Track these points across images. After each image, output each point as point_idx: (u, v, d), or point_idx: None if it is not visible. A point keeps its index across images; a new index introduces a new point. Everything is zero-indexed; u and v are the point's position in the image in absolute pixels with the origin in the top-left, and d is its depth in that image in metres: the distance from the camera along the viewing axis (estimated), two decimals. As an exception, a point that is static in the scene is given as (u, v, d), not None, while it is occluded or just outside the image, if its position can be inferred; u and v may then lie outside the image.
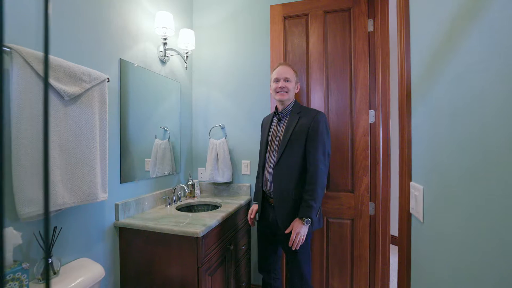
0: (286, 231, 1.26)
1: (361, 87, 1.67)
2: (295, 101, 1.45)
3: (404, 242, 0.89)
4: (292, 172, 1.33)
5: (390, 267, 1.69)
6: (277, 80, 1.40)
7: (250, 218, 1.52)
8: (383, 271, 1.64)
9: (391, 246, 2.25)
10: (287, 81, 1.39)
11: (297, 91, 1.46)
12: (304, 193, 1.27)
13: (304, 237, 1.24)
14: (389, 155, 1.66)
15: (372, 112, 1.66)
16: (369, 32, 1.66)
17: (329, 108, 1.73)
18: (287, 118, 1.41)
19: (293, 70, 1.43)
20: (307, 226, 1.25)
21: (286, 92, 1.39)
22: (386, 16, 1.63)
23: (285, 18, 1.81)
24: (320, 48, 1.74)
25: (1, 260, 0.23)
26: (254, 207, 1.53)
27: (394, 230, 2.78)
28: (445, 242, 0.62)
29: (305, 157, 1.32)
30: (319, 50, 1.74)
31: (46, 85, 0.30)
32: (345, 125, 1.69)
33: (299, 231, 1.23)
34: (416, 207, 0.80)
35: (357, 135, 1.67)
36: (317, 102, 1.74)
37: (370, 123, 1.66)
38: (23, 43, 0.92)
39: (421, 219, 0.76)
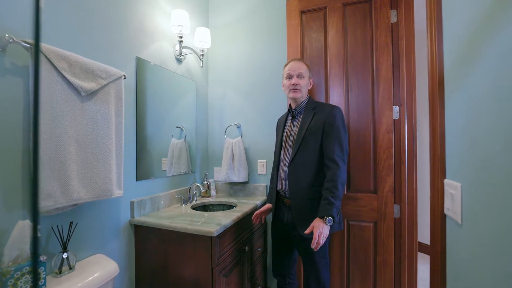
0: (306, 232, 1.17)
1: (383, 82, 1.57)
2: (309, 97, 1.40)
3: (437, 247, 0.80)
4: (308, 169, 1.26)
5: (417, 275, 1.56)
6: (290, 77, 1.35)
7: (261, 211, 1.42)
8: (410, 278, 1.52)
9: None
10: (301, 77, 1.33)
11: (310, 87, 1.41)
12: (324, 190, 1.19)
13: (325, 238, 1.15)
14: (416, 153, 1.54)
15: (396, 108, 1.56)
16: (392, 23, 1.57)
17: (349, 104, 1.64)
18: (302, 115, 1.35)
19: (306, 65, 1.37)
20: (329, 226, 1.15)
21: (300, 90, 1.33)
22: (410, 5, 1.53)
23: (302, 12, 1.76)
24: (339, 42, 1.67)
25: None
26: (268, 205, 1.47)
27: (420, 236, 2.60)
28: (492, 248, 0.53)
29: (321, 153, 1.26)
30: (338, 44, 1.67)
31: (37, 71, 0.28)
32: (366, 122, 1.60)
33: (322, 230, 1.13)
34: (452, 207, 0.71)
35: (380, 133, 1.57)
36: (336, 98, 1.67)
37: (394, 119, 1.55)
38: (43, 39, 0.94)
39: (459, 221, 0.67)
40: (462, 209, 0.66)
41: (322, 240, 1.13)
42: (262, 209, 1.45)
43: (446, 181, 0.76)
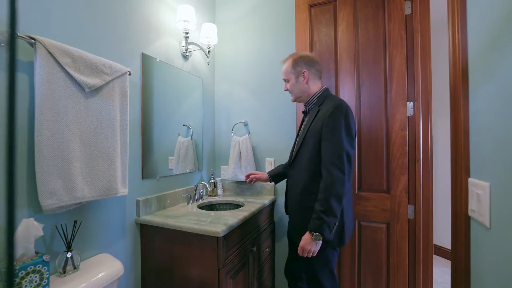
0: (299, 251, 1.10)
1: (397, 77, 1.50)
2: (324, 90, 1.23)
3: (460, 251, 0.74)
4: (303, 174, 1.16)
5: (433, 280, 1.49)
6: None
7: (256, 176, 1.48)
8: (425, 282, 1.45)
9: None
10: (287, 81, 1.26)
11: (305, 81, 1.21)
12: (316, 202, 1.06)
13: (312, 254, 1.06)
14: (431, 151, 1.47)
15: (410, 104, 1.48)
16: (406, 15, 1.49)
17: (360, 100, 1.58)
18: (310, 112, 1.25)
19: (291, 61, 1.22)
20: (317, 243, 1.05)
21: (291, 93, 1.27)
22: (426, -4, 1.45)
23: (311, 6, 1.70)
24: (350, 36, 1.60)
25: None
26: (265, 175, 1.49)
27: (435, 237, 2.51)
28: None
29: (319, 158, 1.11)
30: (348, 38, 1.61)
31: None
32: (379, 119, 1.53)
33: (305, 246, 1.06)
34: (478, 209, 0.65)
35: (393, 130, 1.50)
36: (347, 94, 1.60)
37: (408, 116, 1.48)
38: (47, 35, 0.92)
39: (487, 224, 0.61)
40: (491, 211, 0.60)
41: (309, 254, 1.07)
42: (258, 175, 1.49)
43: (470, 180, 0.70)
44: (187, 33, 1.57)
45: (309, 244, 1.05)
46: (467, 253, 0.72)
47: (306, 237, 1.07)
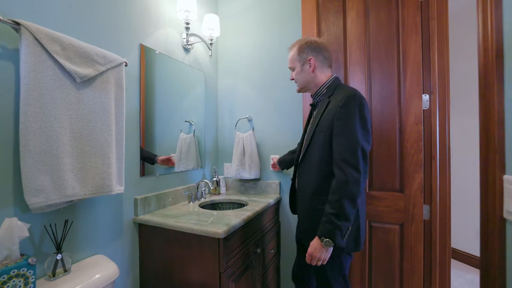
0: (306, 259, 1.00)
1: (411, 67, 1.40)
2: (333, 80, 1.12)
3: (493, 258, 0.64)
4: (313, 173, 1.06)
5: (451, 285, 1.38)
6: None
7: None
8: (442, 287, 1.35)
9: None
10: (292, 70, 1.17)
11: (311, 70, 1.11)
12: (327, 204, 0.96)
13: (322, 262, 0.96)
14: (449, 147, 1.37)
15: (426, 97, 1.38)
16: (421, 1, 1.39)
17: (371, 93, 1.48)
18: (319, 104, 1.14)
19: (297, 48, 1.13)
20: (328, 250, 0.94)
21: (296, 83, 1.18)
22: (444, -21, 1.35)
23: (318, -6, 1.61)
24: (360, 24, 1.51)
25: None
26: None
27: (454, 241, 2.37)
28: None
29: (331, 155, 1.00)
30: (359, 27, 1.51)
31: None
32: (391, 113, 1.44)
33: (315, 254, 0.95)
34: (519, 210, 0.56)
35: (407, 124, 1.40)
36: (357, 87, 1.50)
37: (423, 109, 1.38)
38: (36, 22, 0.86)
39: (531, 228, 0.52)
40: (537, 213, 0.51)
41: (317, 262, 0.96)
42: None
43: (506, 177, 0.61)
44: (188, 23, 1.50)
45: (319, 251, 0.94)
46: (501, 260, 0.62)
47: (315, 243, 0.96)
